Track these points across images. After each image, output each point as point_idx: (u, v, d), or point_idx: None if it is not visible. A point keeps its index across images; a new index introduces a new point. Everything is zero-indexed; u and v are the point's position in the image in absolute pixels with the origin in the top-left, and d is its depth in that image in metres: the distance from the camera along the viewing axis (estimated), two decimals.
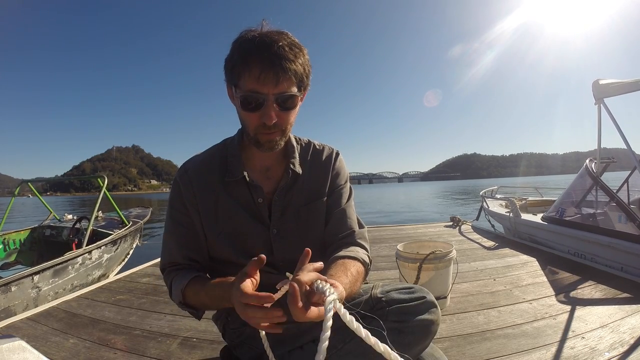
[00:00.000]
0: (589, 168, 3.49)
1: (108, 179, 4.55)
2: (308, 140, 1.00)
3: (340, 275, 0.72)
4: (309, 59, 0.80)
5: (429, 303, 0.75)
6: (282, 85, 0.74)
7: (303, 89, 0.81)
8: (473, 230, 4.41)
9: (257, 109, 0.76)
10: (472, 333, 1.57)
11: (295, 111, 0.81)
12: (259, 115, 0.76)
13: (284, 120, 0.79)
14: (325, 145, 1.01)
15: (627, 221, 2.72)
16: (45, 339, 1.64)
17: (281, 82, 0.74)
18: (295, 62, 0.75)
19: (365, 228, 0.97)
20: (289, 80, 0.74)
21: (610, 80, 3.38)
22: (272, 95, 0.74)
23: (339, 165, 0.99)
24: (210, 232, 0.89)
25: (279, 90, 0.74)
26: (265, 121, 0.75)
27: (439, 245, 2.02)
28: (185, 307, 0.85)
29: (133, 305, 2.10)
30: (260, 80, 0.73)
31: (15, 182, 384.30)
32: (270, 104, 0.75)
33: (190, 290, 0.82)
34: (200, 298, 0.81)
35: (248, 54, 0.74)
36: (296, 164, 0.92)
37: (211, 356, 1.44)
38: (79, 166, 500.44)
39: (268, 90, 0.74)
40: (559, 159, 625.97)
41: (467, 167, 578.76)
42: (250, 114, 0.77)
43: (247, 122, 0.80)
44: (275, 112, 0.76)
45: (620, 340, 1.42)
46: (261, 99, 0.74)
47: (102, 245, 3.88)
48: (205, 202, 0.88)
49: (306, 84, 0.81)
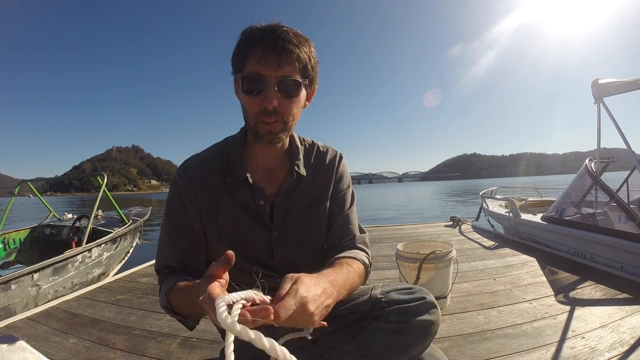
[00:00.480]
0: (589, 168, 3.49)
1: (108, 179, 4.54)
2: (312, 141, 0.99)
3: (330, 272, 0.71)
4: (316, 54, 0.80)
5: (429, 304, 0.75)
6: (285, 69, 0.73)
7: (308, 81, 0.79)
8: (473, 230, 4.41)
9: (258, 93, 0.74)
10: (472, 333, 1.57)
11: (298, 101, 0.79)
12: (260, 100, 0.74)
13: (286, 109, 0.77)
14: (329, 148, 1.00)
15: (627, 220, 2.72)
16: (45, 339, 1.64)
17: (283, 65, 0.73)
18: (299, 47, 0.74)
19: (367, 233, 0.96)
20: (291, 64, 0.74)
21: (609, 80, 3.38)
22: (273, 79, 0.73)
23: (343, 169, 0.98)
24: (210, 232, 0.87)
25: (281, 73, 0.73)
26: (265, 105, 0.73)
27: (439, 245, 2.02)
28: (170, 312, 0.80)
29: (133, 305, 2.10)
30: (262, 62, 0.72)
31: (15, 182, 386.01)
32: (272, 87, 0.73)
33: (173, 295, 0.77)
34: (180, 302, 0.76)
35: (253, 38, 0.74)
36: (300, 165, 0.90)
37: (211, 356, 1.44)
38: (79, 166, 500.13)
39: (270, 72, 0.73)
40: (558, 159, 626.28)
41: (467, 167, 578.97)
42: (251, 98, 0.75)
43: (248, 108, 0.78)
44: (277, 99, 0.74)
45: (620, 340, 1.42)
46: (262, 82, 0.73)
47: (102, 243, 3.87)
48: (206, 201, 0.86)
49: (312, 76, 0.80)
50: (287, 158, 0.91)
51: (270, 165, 0.90)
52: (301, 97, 0.80)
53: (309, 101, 0.86)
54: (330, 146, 1.01)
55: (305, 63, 0.76)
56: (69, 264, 3.35)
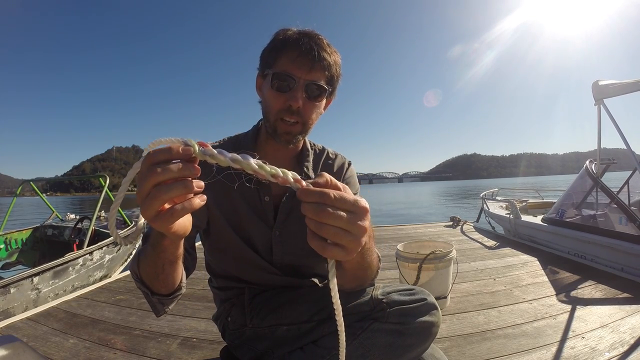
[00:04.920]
0: (589, 169, 3.48)
1: (108, 179, 4.53)
2: (322, 147, 1.01)
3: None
4: (341, 66, 0.82)
5: (429, 305, 0.75)
6: (315, 74, 0.76)
7: (331, 90, 0.82)
8: (473, 230, 4.41)
9: (285, 91, 0.76)
10: (472, 333, 1.57)
11: (320, 106, 0.81)
12: (286, 98, 0.76)
13: (308, 111, 0.79)
14: (338, 154, 1.02)
15: (628, 222, 2.71)
16: (45, 339, 1.64)
17: (315, 69, 0.76)
18: (331, 56, 0.78)
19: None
20: (321, 70, 0.77)
21: (609, 81, 3.38)
22: (303, 80, 0.76)
23: (350, 175, 1.00)
24: (214, 216, 0.86)
25: (311, 77, 0.76)
26: (291, 103, 0.75)
27: (439, 245, 2.02)
28: (137, 280, 0.69)
29: (133, 305, 2.10)
30: (296, 63, 0.75)
31: (15, 182, 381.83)
32: (300, 88, 0.76)
33: (143, 255, 0.63)
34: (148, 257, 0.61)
35: (290, 39, 0.77)
36: (310, 167, 0.92)
37: (211, 356, 1.44)
38: (79, 166, 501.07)
39: (301, 74, 0.76)
40: (559, 159, 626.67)
41: (467, 168, 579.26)
42: (278, 94, 0.77)
43: (272, 103, 0.79)
44: (302, 99, 0.76)
45: (621, 340, 1.42)
46: (292, 81, 0.76)
47: (103, 245, 3.84)
48: (213, 185, 0.85)
49: (334, 87, 0.83)
50: (297, 160, 0.93)
51: (279, 166, 0.90)
52: (322, 103, 0.82)
53: (325, 109, 0.87)
54: (340, 153, 1.02)
55: (332, 72, 0.80)
56: (69, 267, 3.32)
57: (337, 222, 0.38)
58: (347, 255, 0.40)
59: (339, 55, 0.82)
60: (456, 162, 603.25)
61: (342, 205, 0.39)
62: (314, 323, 0.81)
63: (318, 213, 0.38)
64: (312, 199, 0.38)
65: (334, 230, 0.38)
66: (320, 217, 0.38)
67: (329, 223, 0.38)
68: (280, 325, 0.84)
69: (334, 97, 0.87)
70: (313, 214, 0.38)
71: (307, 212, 0.39)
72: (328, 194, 0.38)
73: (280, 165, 0.38)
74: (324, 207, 0.38)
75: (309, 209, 0.38)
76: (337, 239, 0.39)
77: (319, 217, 0.38)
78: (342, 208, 0.39)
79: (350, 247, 0.40)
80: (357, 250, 0.41)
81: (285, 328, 0.84)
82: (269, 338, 0.85)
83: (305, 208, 0.39)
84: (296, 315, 0.83)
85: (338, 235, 0.39)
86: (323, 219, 0.38)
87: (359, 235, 0.40)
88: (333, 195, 0.38)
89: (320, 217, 0.38)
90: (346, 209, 0.39)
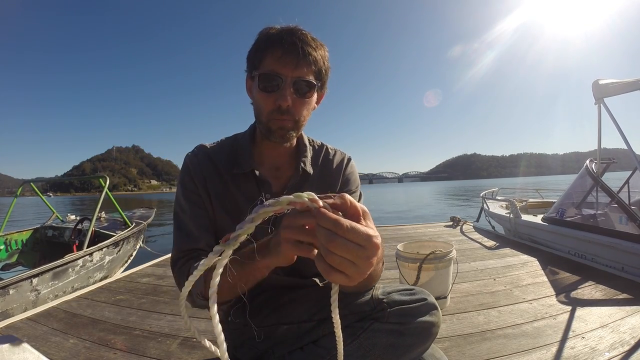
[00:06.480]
0: (590, 169, 3.48)
1: (108, 179, 4.52)
2: (321, 143, 1.00)
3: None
4: (329, 59, 0.82)
5: (430, 305, 0.75)
6: (301, 70, 0.76)
7: (321, 84, 0.81)
8: (473, 230, 4.41)
9: (273, 90, 0.76)
10: (472, 333, 1.57)
11: (310, 102, 0.81)
12: (275, 98, 0.76)
13: (299, 109, 0.78)
14: (337, 150, 1.00)
15: (628, 222, 2.72)
16: (45, 339, 1.64)
17: (301, 66, 0.75)
18: (316, 50, 0.77)
19: None
20: (308, 66, 0.76)
21: (610, 80, 3.38)
22: (290, 78, 0.75)
23: (350, 171, 0.98)
24: (220, 215, 0.86)
25: (298, 74, 0.75)
26: (280, 103, 0.75)
27: (439, 245, 2.02)
28: (200, 298, 0.69)
29: (133, 305, 2.10)
30: (281, 61, 0.74)
31: (15, 182, 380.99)
32: (287, 86, 0.75)
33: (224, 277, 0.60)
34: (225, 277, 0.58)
35: (273, 37, 0.76)
36: (307, 163, 0.91)
37: (211, 356, 1.44)
38: (79, 166, 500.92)
39: (287, 72, 0.75)
40: (559, 159, 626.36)
41: (467, 167, 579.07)
42: (266, 95, 0.77)
43: (262, 105, 0.79)
44: (291, 97, 0.76)
45: (621, 340, 1.42)
46: (279, 80, 0.75)
47: (103, 247, 3.83)
48: (214, 185, 0.86)
49: (324, 80, 0.82)
50: (294, 157, 0.92)
51: (277, 163, 0.91)
52: (313, 98, 0.81)
53: (317, 104, 0.87)
54: (340, 149, 1.01)
55: (320, 66, 0.78)
56: (69, 268, 3.31)
57: (345, 254, 0.38)
58: (350, 283, 0.40)
59: (325, 48, 0.80)
60: (456, 162, 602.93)
61: (353, 238, 0.38)
62: (314, 323, 0.81)
63: (329, 241, 0.37)
64: (326, 225, 0.38)
65: (339, 260, 0.38)
66: (330, 245, 0.38)
67: (337, 253, 0.38)
68: (281, 325, 0.84)
69: (325, 90, 0.86)
70: (324, 240, 0.38)
71: (319, 236, 0.39)
72: (342, 224, 0.38)
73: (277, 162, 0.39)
74: (335, 236, 0.37)
75: (322, 234, 0.38)
76: (342, 268, 0.38)
77: (329, 246, 0.38)
78: (354, 240, 0.38)
79: (354, 277, 0.40)
80: (360, 279, 0.41)
81: (286, 327, 0.83)
82: (269, 337, 0.85)
83: (318, 231, 0.39)
84: (296, 315, 0.83)
85: (343, 264, 0.38)
86: (332, 248, 0.38)
87: (364, 270, 0.39)
88: (346, 226, 0.38)
89: (330, 245, 0.38)
90: (358, 242, 0.38)
